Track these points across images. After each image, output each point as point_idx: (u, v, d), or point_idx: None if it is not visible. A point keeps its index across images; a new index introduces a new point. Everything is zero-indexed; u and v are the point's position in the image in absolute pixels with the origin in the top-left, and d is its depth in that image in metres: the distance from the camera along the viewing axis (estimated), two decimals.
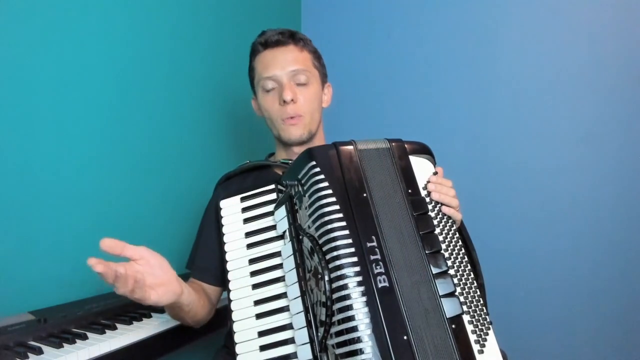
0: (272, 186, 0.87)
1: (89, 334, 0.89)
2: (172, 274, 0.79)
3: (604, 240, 1.53)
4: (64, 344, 0.84)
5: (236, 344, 0.79)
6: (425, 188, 0.82)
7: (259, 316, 0.79)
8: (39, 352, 0.80)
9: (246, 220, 0.87)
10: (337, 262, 0.69)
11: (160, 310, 1.04)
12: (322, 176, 0.74)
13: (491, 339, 0.73)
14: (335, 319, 0.68)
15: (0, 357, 0.79)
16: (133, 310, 1.04)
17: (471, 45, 1.70)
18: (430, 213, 0.79)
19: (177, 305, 0.83)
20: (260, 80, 1.04)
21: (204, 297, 0.95)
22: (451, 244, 0.78)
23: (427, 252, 0.74)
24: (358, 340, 0.65)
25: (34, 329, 0.87)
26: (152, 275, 0.75)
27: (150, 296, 0.74)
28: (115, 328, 0.93)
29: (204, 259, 1.01)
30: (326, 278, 0.68)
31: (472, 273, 0.78)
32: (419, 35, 1.78)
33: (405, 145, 0.83)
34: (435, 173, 0.84)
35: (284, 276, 0.79)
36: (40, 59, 1.06)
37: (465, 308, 0.73)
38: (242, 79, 1.24)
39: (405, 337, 0.66)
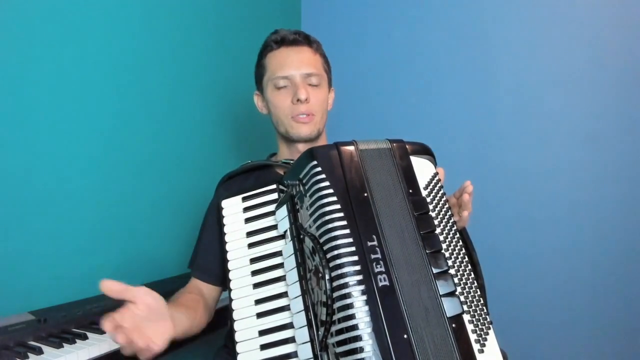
0: (274, 186, 0.88)
1: (89, 334, 0.89)
2: (167, 313, 0.76)
3: (604, 240, 1.53)
4: (64, 344, 0.84)
5: (237, 343, 0.79)
6: (426, 188, 0.82)
7: (259, 315, 0.79)
8: (39, 352, 0.81)
9: (247, 220, 0.87)
10: (338, 261, 0.69)
11: None
12: (323, 176, 0.75)
13: (491, 339, 0.74)
14: (335, 317, 0.68)
15: (0, 357, 0.79)
16: None
17: (472, 46, 1.70)
18: (430, 213, 0.79)
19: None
20: (272, 78, 1.04)
21: (199, 310, 0.93)
22: (452, 244, 0.79)
23: (427, 251, 0.74)
24: (358, 338, 0.66)
25: (34, 329, 0.88)
26: (151, 323, 0.71)
27: (154, 350, 0.71)
28: None
29: (205, 259, 1.01)
30: (327, 277, 0.68)
31: (472, 273, 0.78)
32: (419, 36, 1.79)
33: (407, 146, 0.83)
34: (436, 174, 0.85)
35: (284, 275, 0.80)
36: (41, 60, 1.06)
37: (465, 307, 0.73)
38: (243, 79, 1.25)
39: (405, 336, 0.67)
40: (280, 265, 0.81)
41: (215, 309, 1.08)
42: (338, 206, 0.72)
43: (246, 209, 0.89)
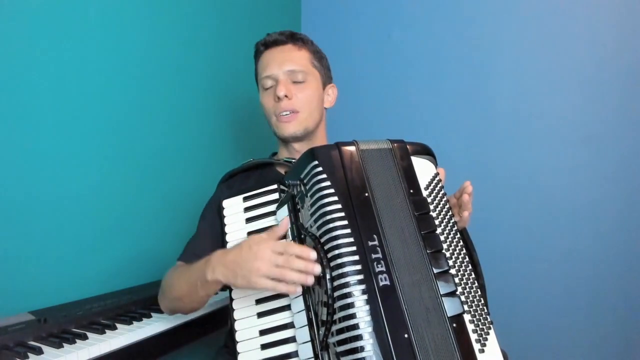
0: (275, 186, 0.88)
1: (89, 334, 0.89)
2: None
3: (604, 240, 1.53)
4: (64, 344, 0.84)
5: (237, 342, 0.79)
6: (426, 189, 0.82)
7: (260, 315, 0.79)
8: (39, 352, 0.80)
9: (248, 220, 0.88)
10: (339, 261, 0.69)
11: (160, 310, 1.04)
12: (324, 176, 0.75)
13: (492, 339, 0.74)
14: (336, 316, 0.68)
15: (1, 357, 0.78)
16: (133, 310, 1.04)
17: (472, 46, 1.71)
18: (431, 213, 0.79)
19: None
20: (260, 79, 1.06)
21: None
22: (452, 244, 0.79)
23: (428, 251, 0.74)
24: (359, 337, 0.66)
25: (34, 329, 0.87)
26: None
27: None
28: (115, 328, 0.93)
29: (196, 246, 0.99)
30: (328, 276, 0.68)
31: (473, 273, 0.79)
32: (419, 36, 1.79)
33: (407, 146, 0.83)
34: (437, 174, 0.85)
35: None
36: (42, 60, 1.06)
37: (466, 307, 0.73)
38: (243, 79, 1.25)
39: (406, 335, 0.67)
40: None
41: (216, 309, 1.08)
42: (339, 206, 0.72)
43: (247, 209, 0.89)
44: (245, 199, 0.90)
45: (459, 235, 0.81)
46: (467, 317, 0.73)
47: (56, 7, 1.08)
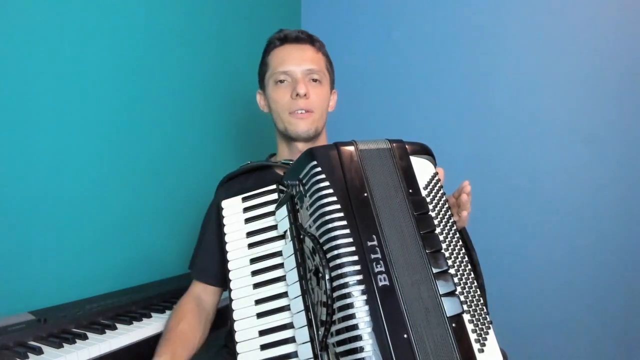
0: (274, 186, 0.88)
1: (89, 334, 0.89)
2: None
3: (604, 240, 1.53)
4: (64, 344, 0.84)
5: (237, 343, 0.79)
6: (425, 188, 0.82)
7: (259, 315, 0.79)
8: (39, 352, 0.81)
9: (247, 220, 0.88)
10: (338, 261, 0.69)
11: (160, 310, 1.04)
12: (323, 176, 0.75)
13: (491, 338, 0.74)
14: (335, 317, 0.68)
15: (0, 357, 0.79)
16: (133, 310, 1.04)
17: (472, 46, 1.71)
18: (430, 213, 0.79)
19: None
20: (273, 73, 1.05)
21: (198, 332, 0.94)
22: (451, 244, 0.79)
23: (427, 251, 0.74)
24: (358, 338, 0.66)
25: (34, 329, 0.88)
26: None
27: None
28: (115, 328, 0.93)
29: (204, 260, 1.01)
30: (327, 277, 0.68)
31: (472, 273, 0.78)
32: (419, 35, 1.79)
33: (406, 146, 0.83)
34: (436, 174, 0.85)
35: (284, 275, 0.80)
36: (44, 60, 1.06)
37: (465, 307, 0.73)
38: (243, 79, 1.25)
39: (405, 336, 0.67)
40: (281, 266, 0.81)
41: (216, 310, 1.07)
42: (338, 206, 0.72)
43: (246, 209, 0.89)
44: (244, 200, 0.90)
45: (458, 235, 0.81)
46: (466, 317, 0.73)
47: (56, 6, 1.08)
